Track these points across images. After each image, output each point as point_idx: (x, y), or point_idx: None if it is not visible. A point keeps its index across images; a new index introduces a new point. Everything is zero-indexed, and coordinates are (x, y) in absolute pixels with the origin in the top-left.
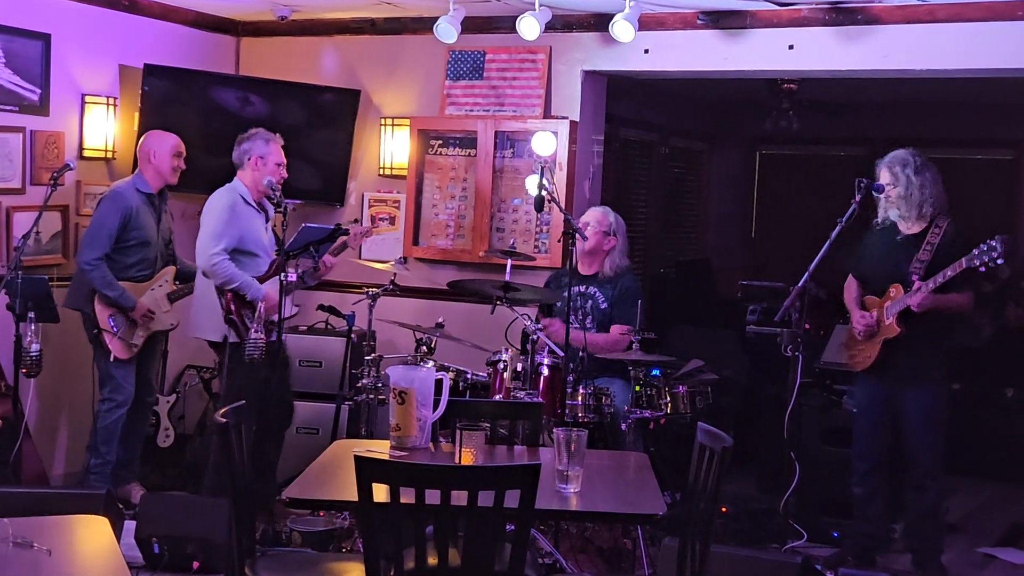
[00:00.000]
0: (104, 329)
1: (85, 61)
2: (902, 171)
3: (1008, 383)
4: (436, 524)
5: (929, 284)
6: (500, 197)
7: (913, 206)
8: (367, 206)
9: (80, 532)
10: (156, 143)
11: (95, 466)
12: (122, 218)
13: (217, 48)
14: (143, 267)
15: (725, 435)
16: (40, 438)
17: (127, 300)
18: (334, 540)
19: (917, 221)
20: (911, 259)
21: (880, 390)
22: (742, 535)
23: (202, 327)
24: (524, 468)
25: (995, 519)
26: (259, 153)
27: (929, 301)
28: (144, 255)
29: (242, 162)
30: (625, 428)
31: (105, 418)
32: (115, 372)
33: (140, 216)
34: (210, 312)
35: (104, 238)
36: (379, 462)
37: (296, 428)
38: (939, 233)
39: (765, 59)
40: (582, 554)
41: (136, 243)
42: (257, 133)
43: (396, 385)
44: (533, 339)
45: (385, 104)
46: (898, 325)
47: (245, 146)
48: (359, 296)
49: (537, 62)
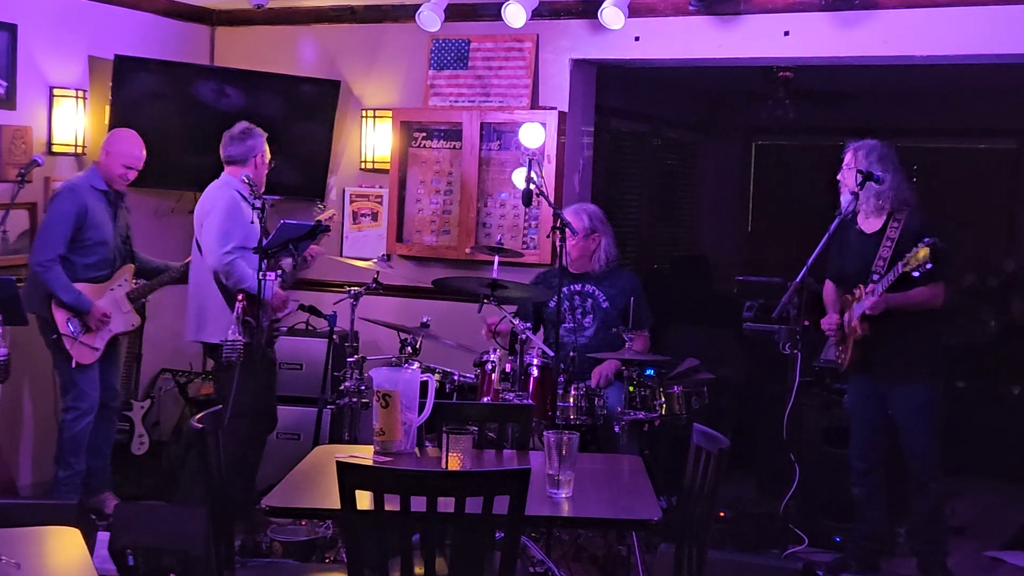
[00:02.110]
0: (63, 334)
1: (53, 53)
2: (865, 155)
3: (1014, 380)
4: (422, 532)
5: (879, 287)
6: (486, 191)
7: (870, 195)
8: (348, 201)
9: (51, 544)
10: (112, 145)
11: (64, 478)
12: (77, 216)
13: (191, 38)
14: (101, 267)
15: (722, 436)
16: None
17: (83, 303)
18: (317, 550)
19: (875, 215)
20: (874, 257)
21: (870, 388)
22: (741, 540)
23: (205, 330)
24: (513, 473)
25: (1002, 521)
26: (262, 151)
27: (884, 303)
28: (102, 255)
29: (247, 159)
30: (619, 430)
31: (71, 428)
32: (78, 378)
33: (96, 214)
34: (215, 313)
35: (58, 237)
36: (362, 468)
37: (277, 433)
38: (897, 227)
39: (760, 46)
40: (575, 562)
41: (93, 243)
42: (255, 130)
43: (380, 388)
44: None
45: (366, 95)
46: (860, 328)
47: (250, 143)
48: (341, 295)
49: (524, 51)
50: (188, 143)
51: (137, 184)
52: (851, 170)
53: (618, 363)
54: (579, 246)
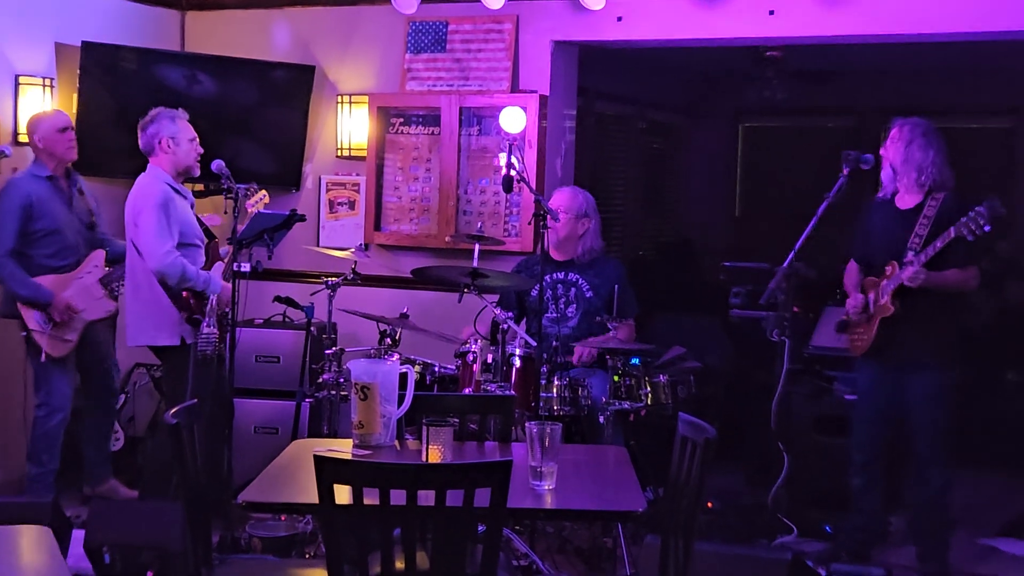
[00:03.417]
0: (32, 329)
1: (18, 39)
2: (911, 131)
3: (1008, 366)
4: (403, 526)
5: (921, 257)
6: (466, 178)
7: (912, 169)
8: (324, 190)
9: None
10: (37, 126)
11: (37, 475)
12: (20, 211)
13: (161, 23)
14: (64, 256)
15: (708, 426)
16: None
17: (42, 295)
18: (296, 546)
19: (915, 191)
20: (910, 235)
21: (882, 375)
22: (729, 531)
23: (151, 333)
24: (495, 465)
25: (997, 509)
26: (168, 134)
27: (923, 276)
28: (60, 244)
29: (152, 148)
30: (603, 421)
31: (43, 424)
32: (49, 374)
33: (44, 204)
34: (161, 315)
35: (4, 233)
36: (341, 462)
37: (254, 428)
38: (935, 206)
39: (745, 26)
40: (560, 555)
41: (45, 233)
42: (159, 113)
43: (358, 380)
44: (504, 328)
45: (341, 80)
46: (892, 304)
47: (151, 130)
48: (318, 286)
49: (503, 32)
50: None
51: (104, 173)
52: (895, 143)
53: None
54: (568, 226)
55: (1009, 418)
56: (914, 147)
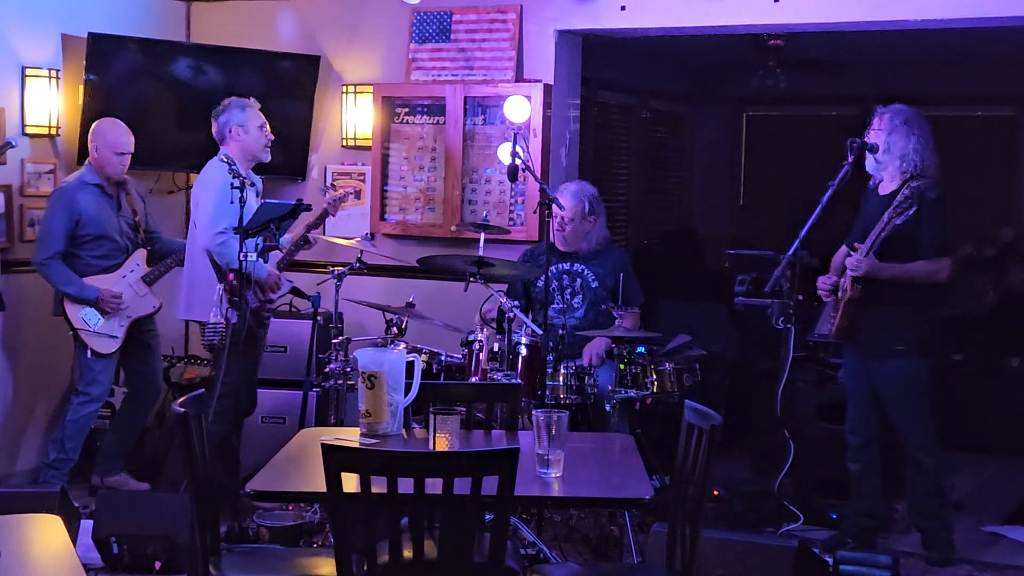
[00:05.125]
0: (78, 328)
1: (24, 31)
2: (891, 118)
3: (1012, 352)
4: (410, 515)
5: (863, 248)
6: (471, 167)
7: (894, 157)
8: (330, 179)
9: (32, 532)
10: (97, 137)
11: (56, 461)
12: (69, 217)
13: (167, 14)
14: (112, 257)
15: (714, 413)
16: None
17: (88, 292)
18: (304, 535)
19: (896, 176)
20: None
21: (859, 361)
22: (735, 519)
23: (200, 309)
24: (502, 453)
25: (1001, 496)
26: (237, 123)
27: (865, 266)
28: (109, 247)
29: (223, 135)
30: (609, 409)
31: (76, 411)
32: (94, 365)
33: (93, 210)
34: (208, 292)
35: (52, 237)
36: (348, 450)
37: (261, 417)
38: (907, 193)
39: (749, 13)
40: (567, 543)
41: (92, 238)
42: (231, 103)
43: (365, 369)
44: (510, 316)
45: (347, 70)
46: (853, 288)
47: (222, 119)
48: (324, 276)
49: (508, 22)
50: (164, 122)
51: None
52: (877, 132)
53: (608, 340)
54: (576, 230)
55: (1013, 404)
56: (896, 135)
